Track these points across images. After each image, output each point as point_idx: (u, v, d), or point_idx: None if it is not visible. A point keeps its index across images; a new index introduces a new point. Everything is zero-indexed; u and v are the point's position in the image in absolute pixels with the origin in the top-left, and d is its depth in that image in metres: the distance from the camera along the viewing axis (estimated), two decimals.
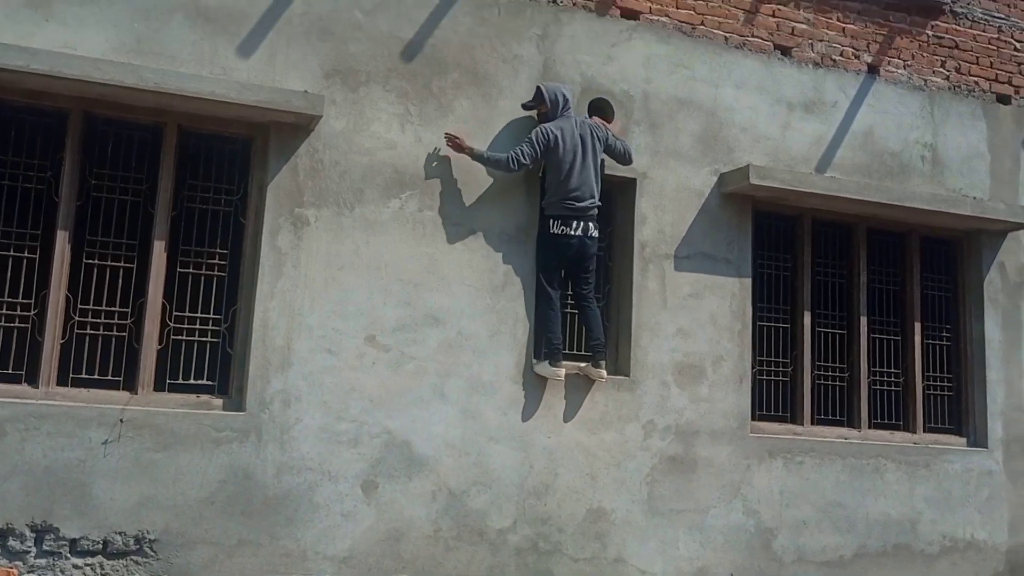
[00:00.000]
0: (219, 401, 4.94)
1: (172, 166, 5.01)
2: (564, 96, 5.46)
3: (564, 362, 5.38)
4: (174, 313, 4.96)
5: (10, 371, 4.71)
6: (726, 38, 6.27)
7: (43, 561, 4.44)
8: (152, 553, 4.60)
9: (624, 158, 5.65)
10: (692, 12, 6.20)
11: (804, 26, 6.50)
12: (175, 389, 4.92)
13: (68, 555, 4.48)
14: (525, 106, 5.49)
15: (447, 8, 5.58)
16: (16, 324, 4.77)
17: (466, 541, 5.17)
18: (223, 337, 5.07)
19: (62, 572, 4.46)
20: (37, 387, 4.65)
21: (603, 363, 5.47)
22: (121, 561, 4.56)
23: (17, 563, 4.39)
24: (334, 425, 5.00)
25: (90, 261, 4.90)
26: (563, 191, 5.35)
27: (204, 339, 5.03)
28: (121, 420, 4.62)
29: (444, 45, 5.53)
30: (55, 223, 4.79)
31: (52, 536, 4.46)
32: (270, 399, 4.91)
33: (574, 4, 5.89)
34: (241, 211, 5.17)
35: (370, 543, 4.97)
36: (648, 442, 5.64)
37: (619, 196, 5.99)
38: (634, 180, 5.87)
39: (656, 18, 6.09)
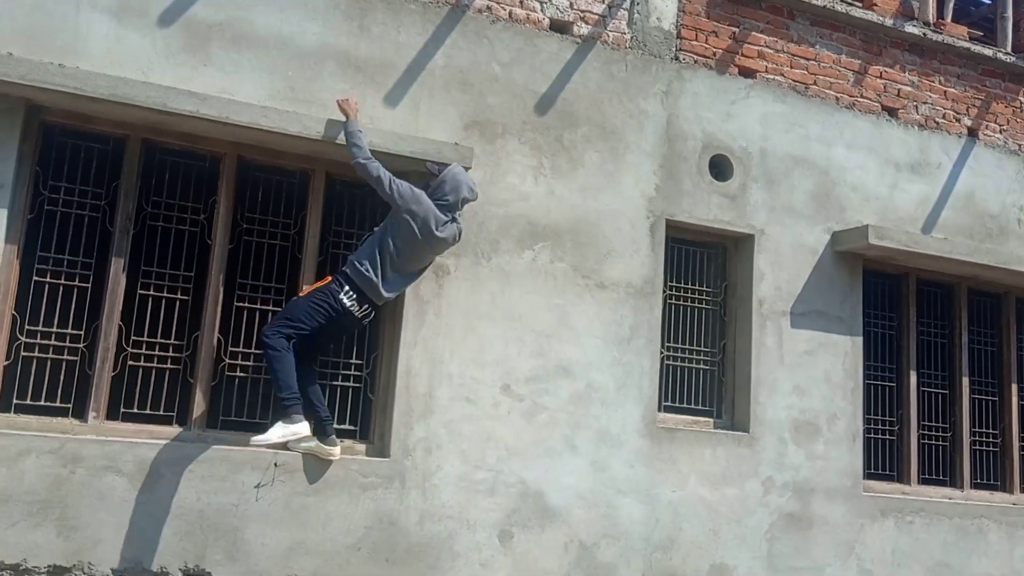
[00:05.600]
0: (361, 446, 5.17)
1: (319, 213, 5.27)
2: (457, 191, 4.95)
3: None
4: (319, 358, 5.18)
5: (161, 412, 4.91)
6: (837, 98, 6.64)
7: None
8: None
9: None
10: (805, 72, 6.58)
11: (909, 88, 6.89)
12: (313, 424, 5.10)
13: None
14: (427, 165, 5.06)
15: (578, 63, 5.92)
16: (168, 365, 4.98)
17: None
18: (364, 383, 5.30)
19: None
20: (189, 429, 4.84)
21: (335, 439, 4.93)
22: None
23: None
24: (472, 474, 5.23)
25: (240, 304, 5.13)
26: (380, 272, 4.80)
27: (347, 384, 5.26)
28: (276, 464, 4.82)
29: (575, 99, 5.86)
30: (208, 266, 5.03)
31: None
32: (413, 446, 5.13)
33: (695, 62, 6.24)
34: None
35: None
36: (767, 498, 5.90)
37: (735, 252, 6.31)
38: (752, 236, 6.20)
39: (772, 77, 6.46)
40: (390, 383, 5.23)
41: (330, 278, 4.87)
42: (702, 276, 6.30)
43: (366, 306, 4.85)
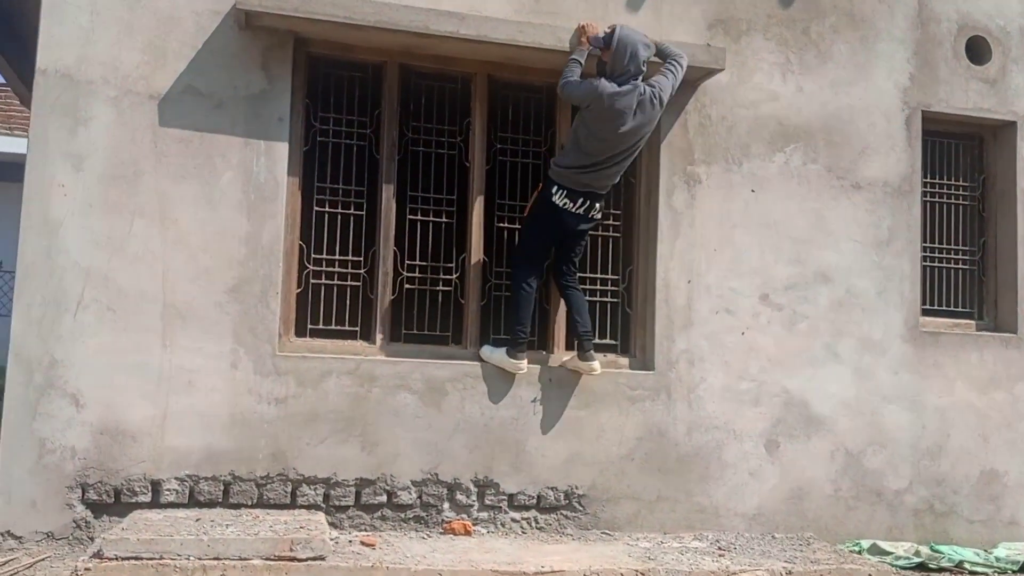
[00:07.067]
0: (624, 360, 5.27)
1: (568, 128, 5.25)
2: (634, 53, 4.68)
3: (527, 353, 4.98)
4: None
5: (438, 332, 5.13)
6: None
7: (485, 515, 4.89)
8: (580, 508, 5.00)
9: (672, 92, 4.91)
10: None
11: None
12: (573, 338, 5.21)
13: (507, 509, 4.92)
14: (591, 40, 4.81)
15: None
16: (440, 287, 5.18)
17: (865, 501, 5.39)
18: (621, 297, 5.37)
19: (502, 525, 4.91)
20: (465, 348, 5.05)
21: (593, 353, 4.96)
22: (553, 515, 4.98)
23: (463, 516, 4.85)
24: (736, 384, 5.26)
25: (500, 224, 5.26)
26: (582, 166, 4.76)
27: (604, 299, 5.34)
28: (550, 380, 4.99)
29: None
30: (469, 188, 5.15)
31: (493, 491, 4.90)
32: (676, 358, 5.20)
33: None
34: (630, 170, 5.39)
35: (776, 501, 5.25)
36: None
37: (993, 141, 5.97)
38: (1014, 124, 5.86)
39: None
40: (648, 297, 5.28)
41: (541, 186, 4.94)
42: (955, 170, 6.01)
43: (581, 200, 4.80)
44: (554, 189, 4.80)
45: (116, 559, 3.62)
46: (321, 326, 4.95)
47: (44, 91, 4.49)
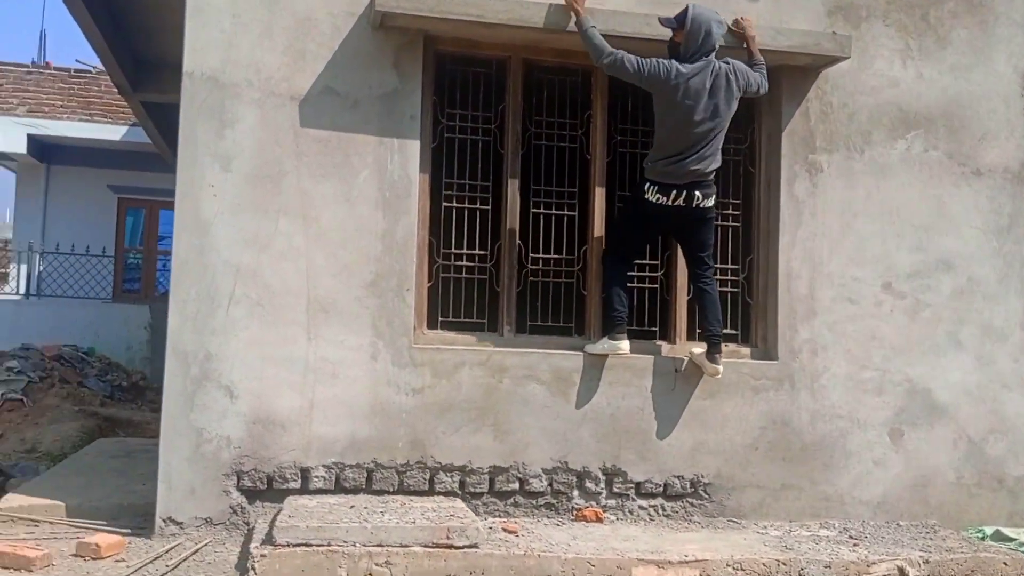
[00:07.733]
0: (746, 350, 5.34)
1: None
2: (708, 31, 4.68)
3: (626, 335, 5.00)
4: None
5: (561, 323, 5.24)
6: None
7: (612, 502, 5.01)
8: (706, 496, 5.09)
9: (757, 92, 4.93)
10: None
11: None
12: (700, 338, 5.30)
13: (634, 497, 5.03)
14: (661, 20, 4.81)
15: None
16: (563, 280, 5.29)
17: (987, 488, 5.41)
18: (741, 287, 5.43)
19: (630, 513, 5.02)
20: (589, 338, 5.15)
21: (720, 357, 4.96)
22: (679, 503, 5.08)
23: (592, 503, 4.98)
24: (858, 373, 5.30)
25: None
26: (669, 156, 4.74)
27: (724, 289, 5.39)
28: (676, 370, 5.08)
29: None
30: (590, 181, 5.23)
31: (620, 479, 5.01)
32: (799, 348, 5.25)
33: None
34: (749, 160, 5.44)
35: (900, 489, 5.30)
36: None
37: None
38: None
39: None
40: (769, 286, 5.33)
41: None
42: None
43: (675, 192, 4.77)
44: (647, 187, 4.82)
45: (288, 545, 3.81)
46: (451, 318, 5.09)
47: (191, 94, 4.66)
